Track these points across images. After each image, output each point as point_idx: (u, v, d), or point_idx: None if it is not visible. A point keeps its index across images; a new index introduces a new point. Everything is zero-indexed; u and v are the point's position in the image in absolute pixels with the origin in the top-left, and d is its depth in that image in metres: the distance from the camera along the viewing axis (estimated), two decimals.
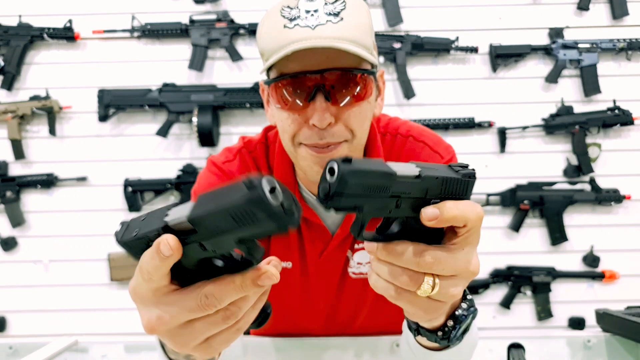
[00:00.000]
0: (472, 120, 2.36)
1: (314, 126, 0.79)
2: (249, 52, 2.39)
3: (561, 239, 2.38)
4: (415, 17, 2.39)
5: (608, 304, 1.57)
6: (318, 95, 0.77)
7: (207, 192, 0.43)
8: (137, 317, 0.53)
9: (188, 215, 0.43)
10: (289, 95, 0.79)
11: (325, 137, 0.80)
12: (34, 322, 2.45)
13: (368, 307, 1.05)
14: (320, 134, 0.79)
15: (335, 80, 0.78)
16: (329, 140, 0.80)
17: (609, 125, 2.36)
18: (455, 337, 0.63)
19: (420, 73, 2.40)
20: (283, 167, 0.93)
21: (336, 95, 0.79)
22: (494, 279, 2.40)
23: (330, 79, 0.78)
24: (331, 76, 0.78)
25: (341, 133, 0.81)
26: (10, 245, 2.42)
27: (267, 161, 0.97)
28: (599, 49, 2.35)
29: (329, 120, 0.78)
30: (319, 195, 0.46)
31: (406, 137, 0.98)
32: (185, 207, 0.45)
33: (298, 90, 0.79)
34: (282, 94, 0.80)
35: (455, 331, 0.63)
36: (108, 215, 2.42)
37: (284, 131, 0.83)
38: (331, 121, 0.79)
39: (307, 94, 0.78)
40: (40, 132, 2.42)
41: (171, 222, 0.45)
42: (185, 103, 2.35)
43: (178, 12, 2.38)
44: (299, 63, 0.77)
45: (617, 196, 2.35)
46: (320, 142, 0.80)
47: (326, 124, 0.78)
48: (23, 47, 2.36)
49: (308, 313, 1.06)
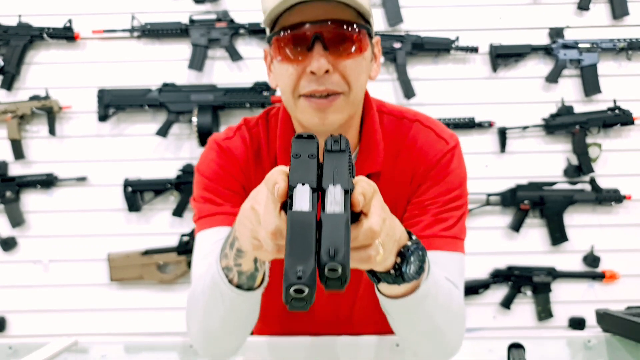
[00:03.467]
0: (473, 120, 2.36)
1: (313, 73, 0.83)
2: (249, 52, 2.39)
3: (561, 239, 2.38)
4: (416, 16, 2.39)
5: (608, 304, 1.56)
6: (316, 44, 0.82)
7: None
8: (137, 317, 0.54)
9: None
10: (290, 46, 0.84)
11: (324, 83, 0.83)
12: (33, 322, 2.45)
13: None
14: (319, 81, 0.83)
15: (333, 31, 0.83)
16: (327, 87, 0.84)
17: (610, 125, 2.36)
18: (407, 273, 0.69)
19: (421, 73, 2.40)
20: (285, 133, 0.96)
21: (333, 45, 0.83)
22: (494, 279, 2.40)
23: (328, 30, 0.82)
24: (329, 27, 0.82)
25: (338, 82, 0.84)
26: (10, 245, 2.42)
27: (268, 135, 0.99)
28: (599, 49, 2.35)
29: (326, 66, 0.82)
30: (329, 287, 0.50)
31: (413, 121, 0.99)
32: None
33: (298, 42, 0.83)
34: (284, 47, 0.84)
35: (406, 266, 0.69)
36: (108, 215, 2.42)
37: (285, 84, 0.87)
38: (328, 68, 0.82)
39: (306, 44, 0.82)
40: (40, 132, 2.42)
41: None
42: (185, 103, 2.35)
43: (178, 12, 2.38)
44: (299, 16, 0.81)
45: (618, 196, 2.35)
46: (319, 88, 0.83)
47: (324, 70, 0.82)
48: (23, 47, 2.36)
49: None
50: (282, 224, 0.55)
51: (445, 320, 0.83)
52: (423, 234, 0.89)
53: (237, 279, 0.76)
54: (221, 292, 0.77)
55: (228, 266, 0.75)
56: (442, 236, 0.90)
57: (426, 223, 0.91)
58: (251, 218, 0.62)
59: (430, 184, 0.93)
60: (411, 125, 0.98)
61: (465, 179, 0.96)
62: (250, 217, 0.62)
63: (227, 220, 0.91)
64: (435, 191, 0.93)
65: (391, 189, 0.94)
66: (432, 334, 0.83)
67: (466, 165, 0.99)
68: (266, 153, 0.98)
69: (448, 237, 0.90)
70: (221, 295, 0.77)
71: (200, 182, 0.98)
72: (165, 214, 2.43)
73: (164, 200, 2.43)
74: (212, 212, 0.93)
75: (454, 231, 0.91)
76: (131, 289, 2.44)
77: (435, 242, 0.89)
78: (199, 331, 0.85)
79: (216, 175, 0.96)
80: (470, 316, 2.43)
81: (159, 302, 2.44)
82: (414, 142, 0.96)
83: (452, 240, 0.90)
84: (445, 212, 0.92)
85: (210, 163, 0.97)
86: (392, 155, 0.96)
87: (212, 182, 0.96)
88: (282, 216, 0.56)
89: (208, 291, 0.79)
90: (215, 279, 0.77)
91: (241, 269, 0.74)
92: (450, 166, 0.94)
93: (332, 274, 0.47)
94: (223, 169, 0.96)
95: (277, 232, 0.56)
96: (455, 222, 0.92)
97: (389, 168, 0.96)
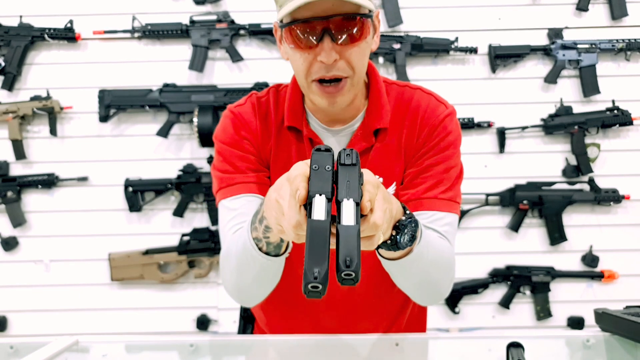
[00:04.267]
0: (472, 121, 2.36)
1: (322, 62, 0.95)
2: (249, 52, 2.40)
3: (560, 239, 2.39)
4: (415, 17, 2.39)
5: (607, 303, 1.57)
6: (325, 36, 0.93)
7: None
8: (137, 317, 0.55)
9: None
10: (301, 37, 0.95)
11: (332, 70, 0.96)
12: (34, 322, 2.45)
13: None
14: (327, 68, 0.96)
15: (339, 23, 0.93)
16: (335, 73, 0.96)
17: (608, 125, 2.36)
18: (401, 243, 0.84)
19: (420, 73, 2.40)
20: (294, 99, 1.10)
21: (340, 36, 0.94)
22: (493, 279, 2.40)
23: (335, 23, 0.93)
24: (336, 21, 0.93)
25: (344, 68, 0.97)
26: (11, 245, 2.43)
27: (277, 103, 1.12)
28: (598, 50, 2.35)
29: (334, 57, 0.94)
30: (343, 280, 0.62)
31: (414, 89, 1.12)
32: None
33: (309, 33, 0.94)
34: (296, 36, 0.95)
35: (400, 237, 0.83)
36: (109, 215, 2.43)
37: (299, 69, 0.99)
38: (336, 58, 0.94)
39: (316, 36, 0.94)
40: (41, 132, 2.43)
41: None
42: (185, 103, 2.35)
43: (178, 13, 2.39)
44: (309, 10, 0.91)
45: (616, 196, 2.36)
46: (327, 74, 0.96)
47: (332, 60, 0.94)
48: (24, 48, 2.37)
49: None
50: (302, 218, 0.68)
51: (436, 273, 0.98)
52: (425, 196, 1.04)
53: (266, 248, 0.91)
54: (252, 256, 0.92)
55: (257, 237, 0.90)
56: (441, 199, 1.04)
57: (428, 185, 1.05)
58: (276, 209, 0.74)
59: (434, 144, 1.06)
60: (413, 92, 1.11)
61: (460, 137, 1.10)
62: (276, 208, 0.74)
63: (246, 188, 1.05)
64: (436, 151, 1.06)
65: (398, 143, 1.08)
66: (425, 284, 1.00)
67: (465, 165, 1.10)
68: (273, 116, 1.11)
69: (445, 199, 1.04)
70: (252, 259, 0.92)
71: (219, 149, 1.10)
72: (166, 214, 2.43)
73: (164, 200, 2.43)
74: (231, 181, 1.06)
75: (450, 194, 1.05)
76: (132, 289, 2.45)
77: (435, 203, 1.04)
78: (233, 285, 1.03)
79: (232, 139, 1.09)
80: (470, 316, 2.44)
81: (159, 302, 2.44)
82: (417, 106, 1.09)
83: (448, 202, 1.05)
84: (443, 174, 1.05)
85: (226, 128, 1.11)
86: (400, 117, 1.09)
87: (229, 146, 1.08)
88: (302, 212, 0.68)
89: (241, 255, 0.94)
90: (247, 246, 0.91)
91: (269, 240, 0.89)
92: (449, 127, 1.08)
93: (348, 277, 0.60)
94: (237, 133, 1.09)
95: (297, 225, 0.68)
96: (451, 185, 1.06)
97: (398, 127, 1.08)
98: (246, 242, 0.91)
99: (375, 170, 1.04)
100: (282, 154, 1.09)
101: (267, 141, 1.09)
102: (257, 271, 0.95)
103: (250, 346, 1.06)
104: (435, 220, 1.02)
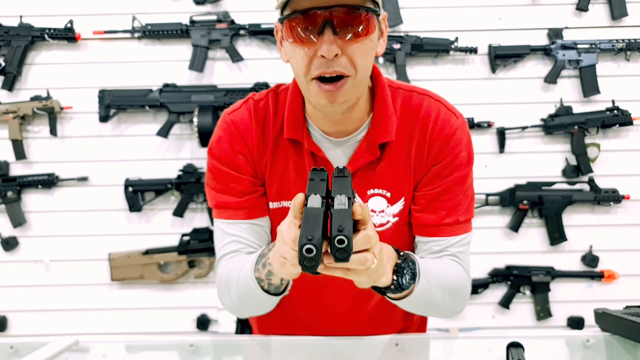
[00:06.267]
0: (472, 121, 2.36)
1: (322, 57, 0.88)
2: (249, 52, 2.40)
3: (560, 239, 2.39)
4: (415, 17, 2.39)
5: (607, 303, 1.57)
6: (326, 29, 0.86)
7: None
8: (137, 317, 0.55)
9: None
10: (301, 30, 0.89)
11: (333, 66, 0.88)
12: (34, 322, 2.45)
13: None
14: (328, 64, 0.88)
15: (342, 16, 0.87)
16: (336, 69, 0.89)
17: (608, 125, 2.36)
18: (404, 284, 0.88)
19: (420, 74, 2.40)
20: (294, 106, 1.03)
21: (342, 29, 0.87)
22: (493, 279, 2.40)
23: (338, 15, 0.86)
24: (338, 12, 0.86)
25: (346, 65, 0.89)
26: (11, 245, 2.43)
27: (276, 107, 1.06)
28: (598, 50, 2.35)
29: (335, 51, 0.87)
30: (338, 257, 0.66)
31: (422, 95, 1.05)
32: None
33: (309, 26, 0.88)
34: (295, 29, 0.89)
35: (402, 278, 0.87)
36: (109, 215, 2.43)
37: (298, 67, 0.92)
38: (337, 52, 0.87)
39: (317, 28, 0.87)
40: (41, 132, 2.43)
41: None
42: (185, 103, 2.35)
43: (178, 13, 2.39)
44: (310, 1, 0.86)
45: (616, 196, 2.36)
46: (328, 70, 0.89)
47: (333, 54, 0.87)
48: (24, 48, 2.37)
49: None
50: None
51: (444, 299, 0.99)
52: (445, 222, 1.03)
53: (267, 287, 0.95)
54: (254, 293, 0.96)
55: (260, 278, 0.93)
56: (461, 222, 1.04)
57: (447, 211, 1.03)
58: (278, 240, 0.75)
59: (448, 161, 1.02)
60: (422, 99, 1.04)
61: (472, 149, 1.07)
62: (278, 240, 0.75)
63: (240, 215, 1.03)
64: (450, 170, 1.02)
65: (406, 157, 1.03)
66: (434, 310, 1.02)
67: None
68: (272, 123, 1.04)
69: (463, 222, 1.04)
70: (254, 295, 0.96)
71: (212, 167, 1.06)
72: (166, 214, 2.43)
73: (164, 200, 2.43)
74: (226, 205, 1.04)
75: (468, 215, 1.05)
76: (132, 289, 2.45)
77: (455, 228, 1.04)
78: (234, 307, 1.05)
79: (225, 156, 1.04)
80: (469, 315, 2.44)
81: (159, 302, 2.44)
82: (427, 115, 1.03)
83: (466, 224, 1.05)
84: (460, 195, 1.03)
85: (221, 141, 1.05)
86: (408, 127, 1.03)
87: (223, 164, 1.04)
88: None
89: (242, 289, 0.97)
90: (249, 284, 0.95)
91: (270, 282, 0.93)
92: (462, 142, 1.04)
93: (340, 244, 0.62)
94: (232, 147, 1.03)
95: (296, 239, 0.68)
96: (469, 205, 1.05)
97: (406, 139, 1.02)
98: (248, 280, 0.95)
99: (382, 185, 1.02)
100: (278, 167, 1.04)
101: (264, 154, 1.04)
102: (257, 303, 0.99)
103: (250, 346, 1.06)
104: (454, 244, 1.04)
